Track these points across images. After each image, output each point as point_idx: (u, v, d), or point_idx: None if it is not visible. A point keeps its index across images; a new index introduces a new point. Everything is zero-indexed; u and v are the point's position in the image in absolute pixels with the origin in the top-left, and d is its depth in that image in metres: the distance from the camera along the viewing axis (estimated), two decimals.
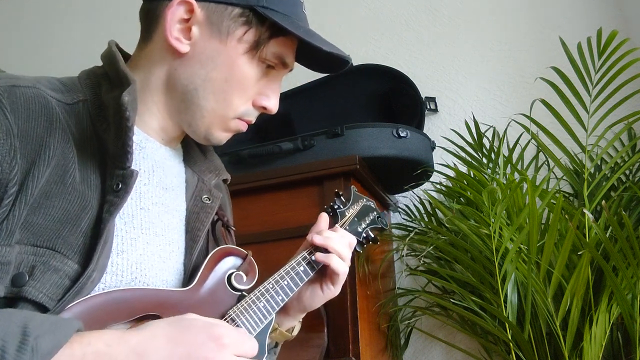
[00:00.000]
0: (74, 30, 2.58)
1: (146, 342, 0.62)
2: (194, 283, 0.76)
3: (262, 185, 1.50)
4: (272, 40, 0.78)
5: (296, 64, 0.86)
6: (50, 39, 2.61)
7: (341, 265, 0.87)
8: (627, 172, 1.49)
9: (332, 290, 0.90)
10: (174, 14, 0.76)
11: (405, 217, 1.70)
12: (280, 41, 0.79)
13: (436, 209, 1.58)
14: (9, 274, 0.60)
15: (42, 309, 0.61)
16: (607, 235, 1.24)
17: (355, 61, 0.93)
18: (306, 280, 0.86)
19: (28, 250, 0.62)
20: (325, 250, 0.88)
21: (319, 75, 1.82)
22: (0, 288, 0.59)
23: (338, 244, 0.88)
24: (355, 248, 0.95)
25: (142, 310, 0.68)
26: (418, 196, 1.68)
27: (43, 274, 0.62)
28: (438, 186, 1.64)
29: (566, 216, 1.23)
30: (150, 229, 0.75)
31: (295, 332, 0.93)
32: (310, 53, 0.81)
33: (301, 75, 1.42)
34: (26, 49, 2.64)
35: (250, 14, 0.77)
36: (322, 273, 0.90)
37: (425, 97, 1.84)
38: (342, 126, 1.49)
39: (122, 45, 0.84)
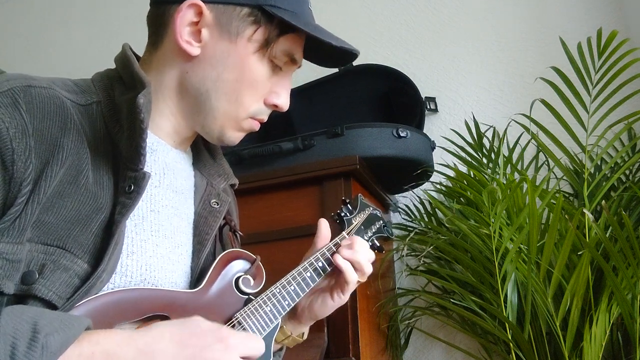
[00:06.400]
0: (73, 31, 2.58)
1: (153, 343, 0.62)
2: (202, 285, 0.76)
3: (262, 185, 1.49)
4: (281, 38, 0.79)
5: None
6: (50, 40, 2.61)
7: (354, 276, 0.89)
8: (627, 172, 1.49)
9: (343, 299, 0.91)
10: (184, 18, 0.76)
11: (405, 217, 1.70)
12: (289, 38, 0.80)
13: (436, 209, 1.58)
14: (19, 271, 0.61)
15: (51, 307, 0.61)
16: (607, 235, 1.24)
17: (355, 61, 0.93)
18: (312, 285, 0.87)
19: (39, 249, 0.63)
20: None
21: (319, 75, 1.82)
22: (10, 285, 0.60)
23: (362, 257, 0.89)
24: None
25: (150, 310, 0.68)
26: (418, 196, 1.68)
27: (53, 272, 0.62)
28: (438, 186, 1.64)
29: (566, 216, 1.23)
30: (160, 231, 0.76)
31: (305, 336, 0.95)
32: (317, 48, 0.82)
33: (301, 75, 1.42)
34: (26, 51, 2.64)
35: (259, 13, 0.77)
36: (333, 281, 0.91)
37: (425, 97, 1.84)
38: (342, 126, 1.49)
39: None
